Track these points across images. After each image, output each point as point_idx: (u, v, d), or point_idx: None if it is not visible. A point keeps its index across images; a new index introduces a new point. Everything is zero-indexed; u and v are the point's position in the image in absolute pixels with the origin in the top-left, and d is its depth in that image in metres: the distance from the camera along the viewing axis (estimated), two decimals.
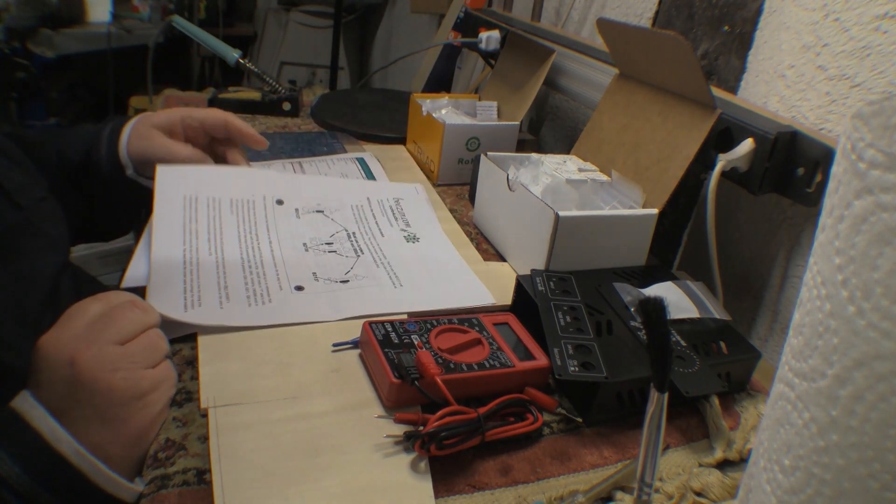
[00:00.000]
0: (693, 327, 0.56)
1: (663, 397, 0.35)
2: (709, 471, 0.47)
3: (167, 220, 0.65)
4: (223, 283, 0.59)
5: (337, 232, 0.71)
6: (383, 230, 0.73)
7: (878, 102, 0.25)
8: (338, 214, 0.74)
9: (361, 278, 0.63)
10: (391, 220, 0.75)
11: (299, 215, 0.72)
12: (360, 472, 0.43)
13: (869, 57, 0.59)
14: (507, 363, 0.51)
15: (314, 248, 0.67)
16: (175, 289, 0.57)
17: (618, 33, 0.74)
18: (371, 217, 0.75)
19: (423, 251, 0.70)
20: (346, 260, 0.66)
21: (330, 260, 0.66)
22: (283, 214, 0.72)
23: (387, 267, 0.66)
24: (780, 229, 0.69)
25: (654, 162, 0.69)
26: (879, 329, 0.23)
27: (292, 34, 2.83)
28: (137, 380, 0.44)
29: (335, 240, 0.70)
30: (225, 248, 0.64)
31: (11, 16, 2.23)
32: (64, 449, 0.40)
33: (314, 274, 0.63)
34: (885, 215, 0.22)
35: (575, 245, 0.63)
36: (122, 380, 0.43)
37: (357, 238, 0.71)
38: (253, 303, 0.58)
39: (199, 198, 0.69)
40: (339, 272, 0.64)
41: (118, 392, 0.42)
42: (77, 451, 0.40)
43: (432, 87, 1.40)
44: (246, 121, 1.09)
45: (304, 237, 0.69)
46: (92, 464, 0.41)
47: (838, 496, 0.25)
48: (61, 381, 0.42)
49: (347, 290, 0.61)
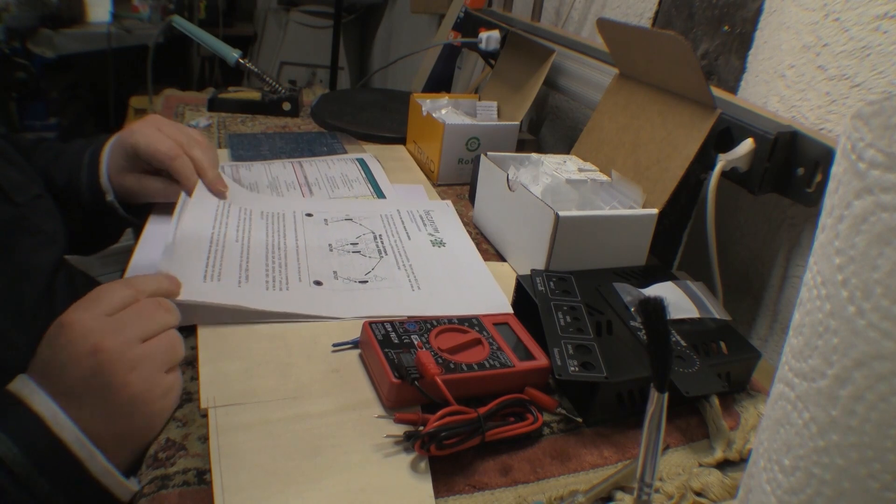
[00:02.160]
0: (693, 327, 0.56)
1: (663, 397, 0.35)
2: (709, 471, 0.47)
3: (199, 210, 0.66)
4: (245, 266, 0.60)
5: (363, 234, 0.72)
6: (410, 234, 0.74)
7: (878, 102, 0.25)
8: (367, 221, 0.75)
9: (381, 280, 0.64)
10: (419, 226, 0.76)
11: (328, 223, 0.73)
12: (359, 472, 0.43)
13: (869, 57, 0.59)
14: (506, 363, 0.51)
15: (339, 248, 0.68)
16: (198, 261, 0.58)
17: (618, 33, 0.74)
18: (399, 222, 0.76)
19: (448, 255, 0.70)
20: (368, 260, 0.67)
21: (353, 260, 0.66)
22: (311, 223, 0.73)
23: (408, 269, 0.66)
24: (780, 229, 0.69)
25: (654, 162, 0.69)
26: (879, 329, 0.23)
27: (292, 34, 2.83)
28: (152, 383, 0.44)
29: (361, 241, 0.70)
30: (252, 242, 0.65)
31: (11, 16, 2.23)
32: (65, 435, 0.40)
33: (335, 272, 0.63)
34: (885, 215, 0.22)
35: (575, 245, 0.63)
36: (139, 380, 0.43)
37: (383, 239, 0.71)
38: (271, 287, 0.58)
39: (231, 205, 0.70)
40: (359, 272, 0.64)
41: (131, 389, 0.43)
42: (78, 438, 0.40)
43: (432, 87, 1.40)
44: (246, 121, 1.10)
45: (330, 239, 0.70)
46: (91, 452, 0.41)
47: (838, 496, 0.25)
48: (79, 366, 0.42)
49: (365, 290, 0.62)
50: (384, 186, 0.86)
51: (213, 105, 1.12)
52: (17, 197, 0.61)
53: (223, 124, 1.07)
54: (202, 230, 0.63)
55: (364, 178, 0.88)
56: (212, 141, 0.75)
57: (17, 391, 0.41)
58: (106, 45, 2.48)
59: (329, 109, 1.11)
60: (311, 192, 0.82)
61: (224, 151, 0.94)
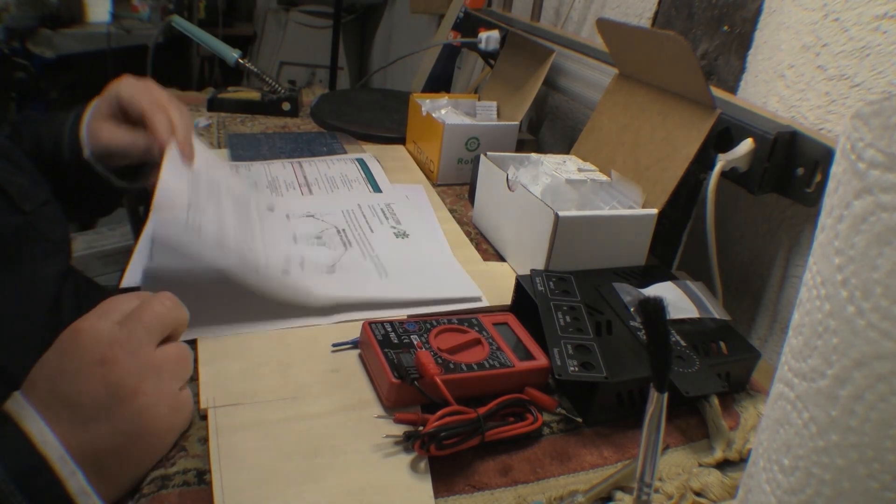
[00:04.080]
0: (693, 327, 0.56)
1: (663, 397, 0.35)
2: (708, 471, 0.47)
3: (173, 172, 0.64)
4: (220, 232, 0.59)
5: (326, 229, 0.72)
6: (373, 227, 0.74)
7: (878, 102, 0.25)
8: (328, 217, 0.75)
9: (348, 269, 0.64)
10: (381, 220, 0.76)
11: (290, 219, 0.73)
12: (359, 472, 0.43)
13: (868, 57, 0.59)
14: (506, 363, 0.51)
15: (303, 240, 0.68)
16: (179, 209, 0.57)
17: (617, 33, 0.74)
18: (361, 217, 0.76)
19: (412, 246, 0.71)
20: (333, 252, 0.67)
21: (318, 251, 0.66)
22: (273, 218, 0.72)
23: (374, 258, 0.67)
24: (780, 229, 0.69)
25: (654, 162, 0.69)
26: (879, 329, 0.23)
27: (292, 34, 2.83)
28: (162, 395, 0.43)
29: (324, 234, 0.71)
30: (224, 215, 0.63)
31: (11, 16, 2.23)
32: (49, 452, 0.39)
33: (301, 263, 0.63)
34: (885, 215, 0.22)
35: (574, 245, 0.63)
36: (150, 389, 0.42)
37: (346, 233, 0.72)
38: (245, 263, 0.57)
39: (201, 173, 0.68)
40: (325, 262, 0.64)
41: (141, 399, 0.42)
42: (62, 457, 0.39)
43: (432, 87, 1.40)
44: (245, 121, 1.10)
45: (293, 231, 0.70)
46: (72, 471, 0.39)
47: (838, 496, 0.25)
48: (89, 377, 0.41)
49: (332, 278, 0.62)
50: (384, 186, 0.86)
51: (213, 105, 1.12)
52: (25, 205, 0.60)
53: (223, 124, 1.07)
54: (179, 183, 0.61)
55: (364, 178, 0.88)
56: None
57: (6, 408, 0.41)
58: (106, 46, 2.47)
59: (328, 109, 1.11)
60: (310, 191, 0.82)
61: (224, 151, 0.94)
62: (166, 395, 0.43)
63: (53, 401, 0.41)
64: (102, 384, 0.41)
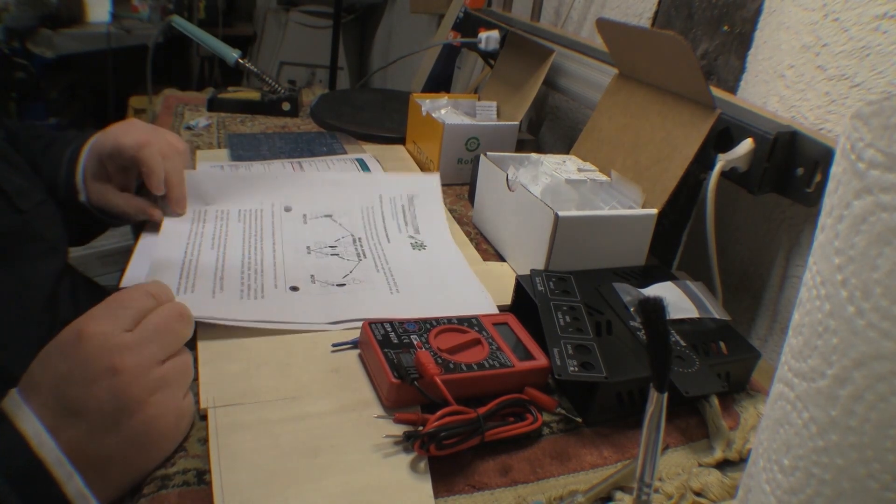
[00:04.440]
0: (693, 327, 0.56)
1: (663, 397, 0.35)
2: (708, 471, 0.47)
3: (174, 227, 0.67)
4: (220, 276, 0.60)
5: (343, 237, 0.71)
6: (390, 236, 0.73)
7: (878, 102, 0.25)
8: (346, 219, 0.75)
9: (358, 282, 0.63)
10: (400, 226, 0.75)
11: (306, 221, 0.73)
12: (359, 472, 0.43)
13: (868, 57, 0.59)
14: (506, 363, 0.51)
15: (317, 251, 0.68)
16: (172, 274, 0.58)
17: (617, 33, 0.74)
18: (381, 220, 0.75)
19: (428, 258, 0.70)
20: (346, 263, 0.66)
21: (330, 263, 0.66)
22: (290, 220, 0.73)
23: (386, 272, 0.66)
24: (780, 229, 0.69)
25: (654, 162, 0.69)
26: (879, 329, 0.23)
27: (292, 34, 2.83)
28: (169, 407, 0.43)
29: (339, 244, 0.70)
30: (227, 250, 0.65)
31: (11, 16, 2.23)
32: (45, 454, 0.39)
33: (312, 276, 0.63)
34: (885, 215, 0.22)
35: (574, 245, 0.63)
36: (157, 402, 0.42)
37: (362, 242, 0.71)
38: (245, 297, 0.58)
39: (207, 211, 0.71)
40: (337, 275, 0.64)
41: (148, 411, 0.41)
42: (58, 459, 0.39)
43: (432, 87, 1.40)
44: (245, 121, 1.10)
45: (308, 241, 0.69)
46: (69, 473, 0.39)
47: (838, 496, 0.25)
48: (96, 386, 0.40)
49: (342, 293, 0.61)
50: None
51: (213, 105, 1.12)
52: (22, 204, 0.61)
53: (222, 124, 1.07)
54: (177, 241, 0.64)
55: None
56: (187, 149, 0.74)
57: (3, 408, 0.40)
58: (105, 45, 2.48)
59: (328, 109, 1.10)
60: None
61: (224, 151, 0.94)
62: (173, 404, 0.43)
63: (58, 406, 0.40)
64: (110, 393, 0.40)
